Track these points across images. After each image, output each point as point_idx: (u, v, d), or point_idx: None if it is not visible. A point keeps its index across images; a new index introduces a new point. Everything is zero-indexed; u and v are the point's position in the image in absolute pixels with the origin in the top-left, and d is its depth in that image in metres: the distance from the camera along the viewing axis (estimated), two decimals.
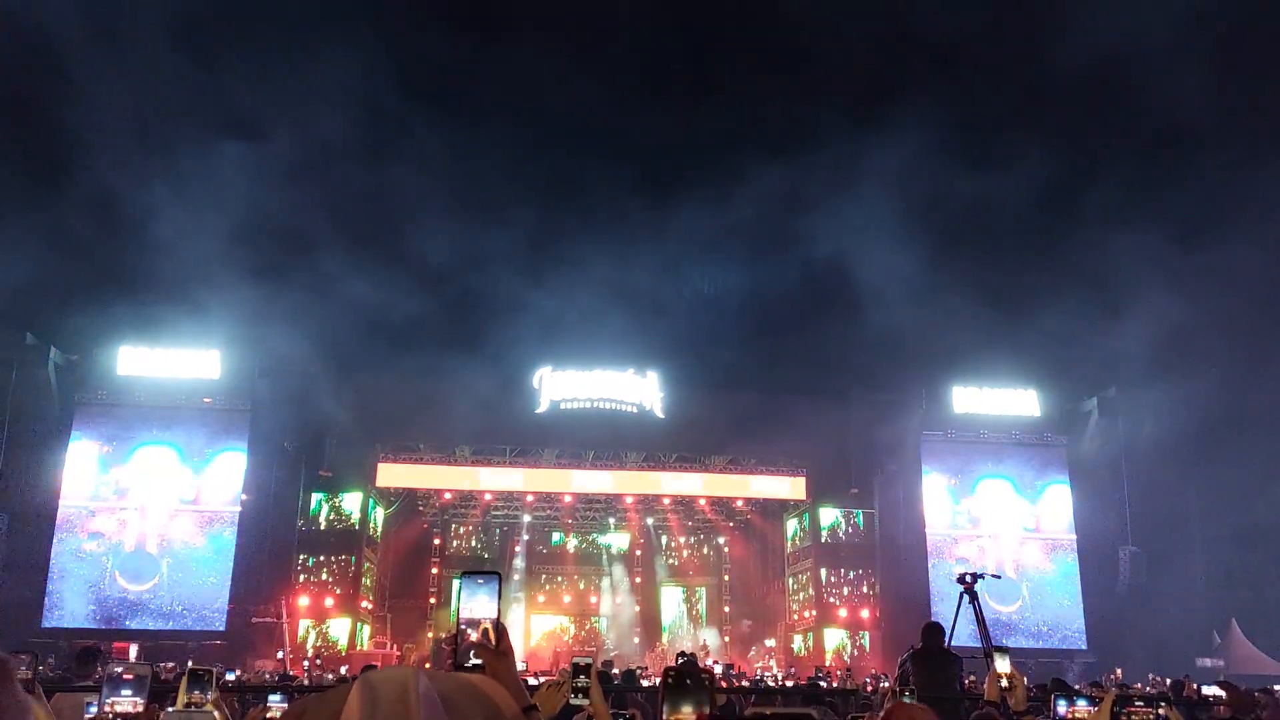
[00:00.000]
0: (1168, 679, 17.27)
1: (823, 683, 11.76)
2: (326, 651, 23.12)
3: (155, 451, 23.04)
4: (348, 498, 25.04)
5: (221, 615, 22.17)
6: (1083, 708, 3.66)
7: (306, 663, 20.69)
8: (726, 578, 31.37)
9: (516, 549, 29.94)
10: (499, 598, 1.83)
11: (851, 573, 26.09)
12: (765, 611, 29.62)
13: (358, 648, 23.90)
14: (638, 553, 30.95)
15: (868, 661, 23.97)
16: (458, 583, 1.93)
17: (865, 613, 25.33)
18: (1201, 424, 21.85)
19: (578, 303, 25.48)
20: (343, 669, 17.90)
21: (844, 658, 24.57)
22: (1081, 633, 24.79)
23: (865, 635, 25.37)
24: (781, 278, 31.83)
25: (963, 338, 25.35)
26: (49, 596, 21.70)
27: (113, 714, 2.70)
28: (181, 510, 22.84)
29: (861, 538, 26.26)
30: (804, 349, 27.10)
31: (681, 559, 32.44)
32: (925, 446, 25.57)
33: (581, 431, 24.57)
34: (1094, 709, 3.63)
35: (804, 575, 27.17)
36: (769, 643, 28.22)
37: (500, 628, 1.81)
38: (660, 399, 24.84)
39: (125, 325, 22.98)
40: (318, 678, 15.76)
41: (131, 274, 24.41)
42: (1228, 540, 23.90)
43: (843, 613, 25.43)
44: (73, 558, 22.14)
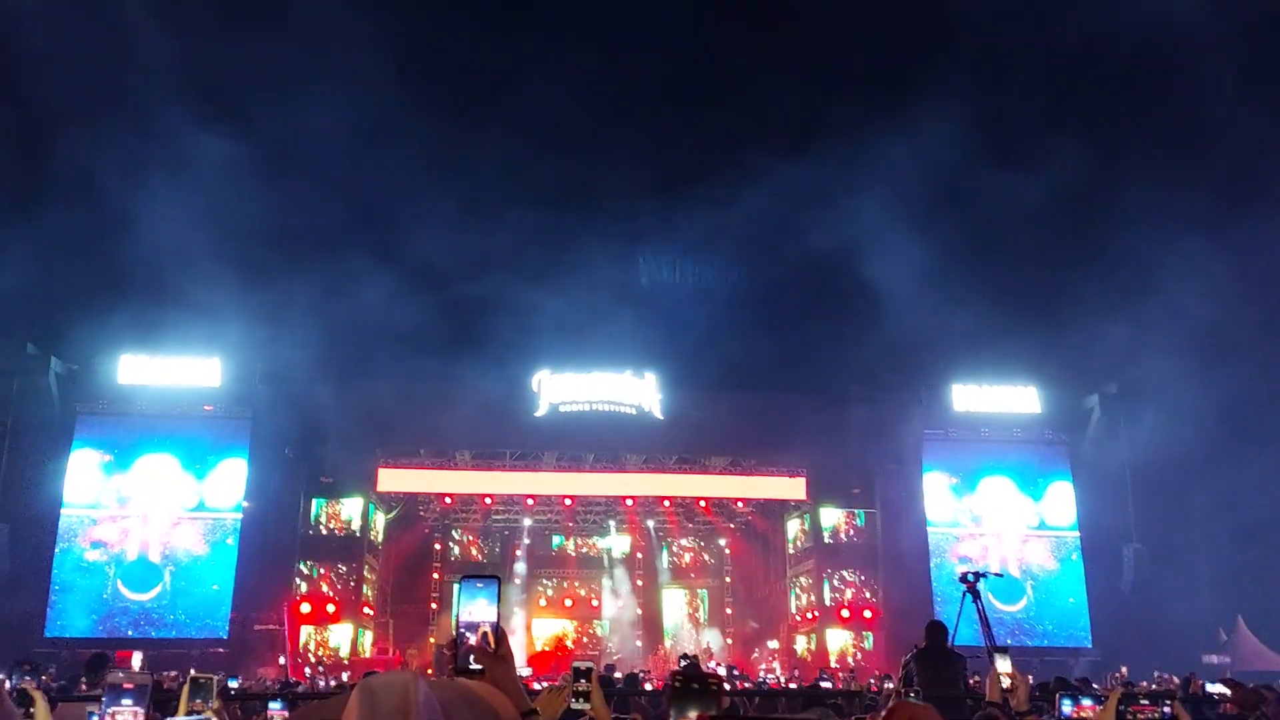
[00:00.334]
0: (1173, 676, 17.25)
1: (825, 684, 11.74)
2: (329, 658, 23.09)
3: (157, 459, 23.04)
4: (349, 503, 25.04)
5: (224, 623, 22.14)
6: (1088, 706, 3.65)
7: (309, 669, 20.67)
8: (728, 579, 31.33)
9: (517, 553, 29.90)
10: (498, 601, 1.82)
11: (853, 573, 26.06)
12: (767, 613, 29.58)
13: (360, 654, 23.88)
14: (639, 555, 30.92)
15: (871, 662, 23.93)
16: (458, 587, 1.92)
17: (868, 613, 25.30)
18: (1205, 419, 21.83)
19: (576, 305, 25.46)
20: (344, 675, 17.87)
21: (847, 658, 24.54)
22: (1086, 631, 24.75)
23: (869, 636, 25.33)
24: (779, 277, 31.82)
25: (962, 335, 25.32)
26: (51, 607, 21.67)
27: None
28: (184, 518, 22.83)
29: (863, 537, 26.23)
30: (803, 349, 27.08)
31: (683, 561, 32.40)
32: (926, 445, 25.56)
33: (581, 434, 24.56)
34: (1099, 707, 3.62)
35: (806, 576, 27.14)
36: (772, 644, 28.18)
37: (500, 632, 1.80)
38: (659, 400, 24.84)
39: (126, 334, 23.00)
40: (326, 686, 15.73)
41: (132, 283, 24.40)
42: (1233, 536, 23.85)
43: (845, 613, 25.39)
44: (75, 567, 22.12)
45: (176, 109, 24.37)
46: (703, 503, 27.56)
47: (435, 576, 28.93)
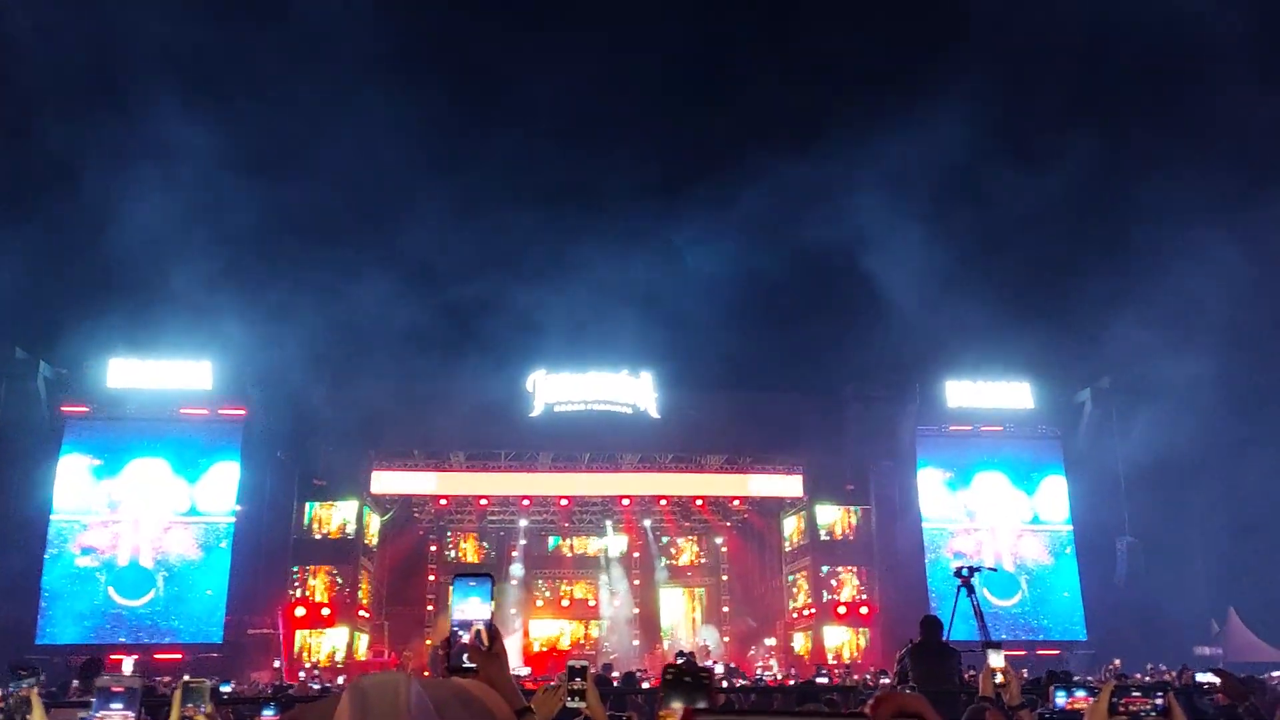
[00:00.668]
0: (1165, 667, 17.35)
1: (822, 679, 11.76)
2: (324, 661, 22.99)
3: (148, 464, 22.88)
4: (342, 506, 24.92)
5: (219, 628, 22.01)
6: (1081, 698, 3.67)
7: (303, 673, 20.57)
8: (725, 578, 31.34)
9: (514, 554, 29.84)
10: (492, 600, 1.81)
11: (850, 570, 26.12)
12: (764, 610, 29.61)
13: (355, 657, 23.78)
14: (635, 555, 30.89)
15: (867, 658, 23.99)
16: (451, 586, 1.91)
17: (864, 609, 25.36)
18: (1196, 412, 21.96)
19: (571, 305, 25.46)
20: (340, 679, 17.80)
21: (843, 655, 24.59)
22: (1081, 624, 24.87)
23: (865, 632, 25.39)
24: (774, 276, 31.90)
25: (956, 332, 25.44)
26: (42, 614, 21.50)
27: None
28: (175, 523, 22.68)
29: (859, 534, 26.30)
30: (797, 347, 27.20)
31: (679, 560, 32.39)
32: (920, 441, 25.64)
33: (577, 434, 24.52)
34: (1093, 699, 3.63)
35: (802, 573, 27.19)
36: (769, 641, 28.21)
37: (493, 630, 1.78)
38: (655, 399, 24.82)
39: (115, 337, 22.84)
40: (314, 689, 15.65)
41: (121, 285, 24.28)
42: (1225, 529, 24.01)
43: (842, 610, 25.45)
44: (65, 574, 21.95)
45: (167, 109, 24.24)
46: (699, 501, 27.56)
47: (431, 579, 28.83)
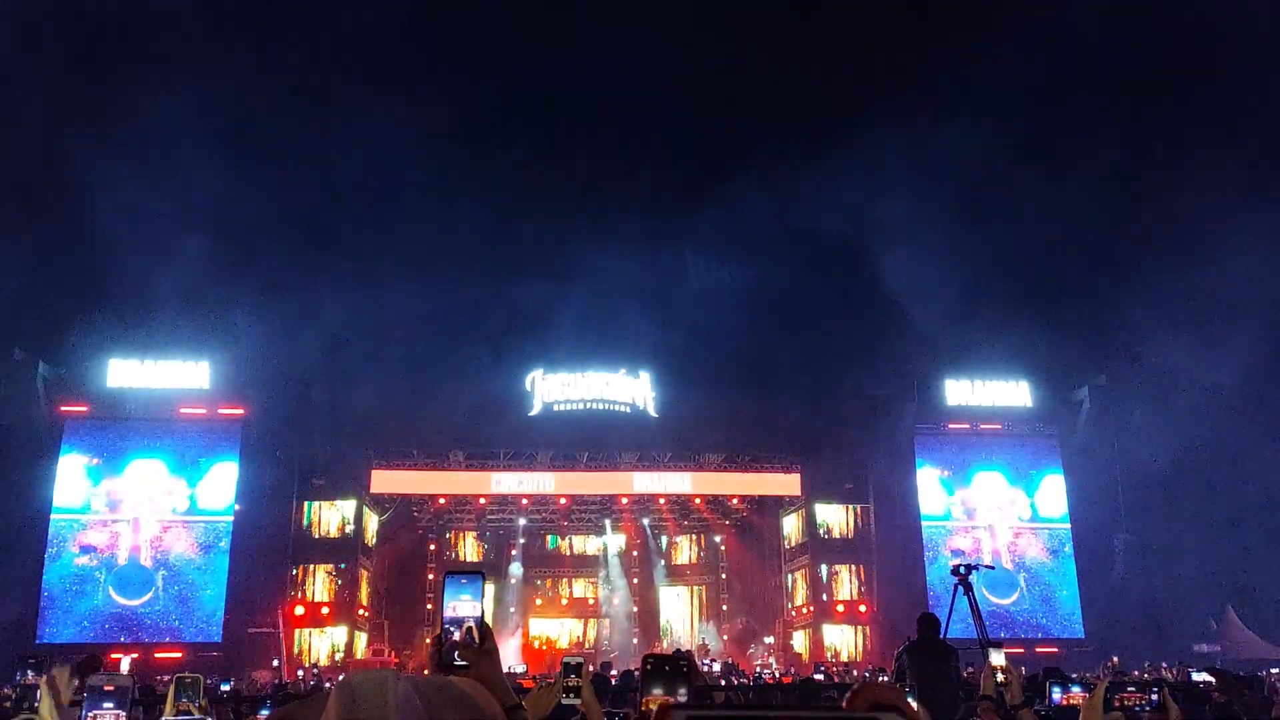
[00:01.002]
0: (1163, 665, 17.37)
1: (819, 677, 11.77)
2: (324, 661, 22.99)
3: (147, 463, 22.88)
4: (342, 505, 24.92)
5: (218, 627, 22.02)
6: (1078, 694, 3.67)
7: (302, 672, 20.58)
8: (724, 576, 31.35)
9: (513, 553, 29.85)
10: (483, 596, 1.81)
11: (848, 568, 26.14)
12: (763, 609, 29.62)
13: (355, 655, 23.78)
14: (634, 553, 30.91)
15: (866, 656, 24.02)
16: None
17: (863, 607, 25.38)
18: (1193, 409, 21.98)
19: (569, 304, 25.44)
20: (340, 678, 17.79)
21: (842, 653, 24.62)
22: (1079, 622, 24.89)
23: (864, 629, 25.41)
24: (773, 275, 31.89)
25: (954, 330, 25.46)
26: (42, 612, 21.51)
27: None
28: (175, 522, 22.69)
29: (857, 532, 26.31)
30: (795, 345, 27.13)
31: (678, 558, 32.41)
32: (919, 439, 25.65)
33: (575, 433, 24.52)
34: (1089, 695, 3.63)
35: (801, 572, 27.21)
36: (768, 640, 28.23)
37: (484, 627, 1.78)
38: (653, 398, 24.83)
39: (114, 337, 22.82)
40: (312, 687, 15.67)
41: (120, 286, 24.24)
42: (1222, 525, 24.03)
43: (840, 608, 25.47)
44: (65, 573, 21.94)
45: (167, 109, 24.20)
46: (698, 500, 27.58)
47: (430, 577, 28.83)
